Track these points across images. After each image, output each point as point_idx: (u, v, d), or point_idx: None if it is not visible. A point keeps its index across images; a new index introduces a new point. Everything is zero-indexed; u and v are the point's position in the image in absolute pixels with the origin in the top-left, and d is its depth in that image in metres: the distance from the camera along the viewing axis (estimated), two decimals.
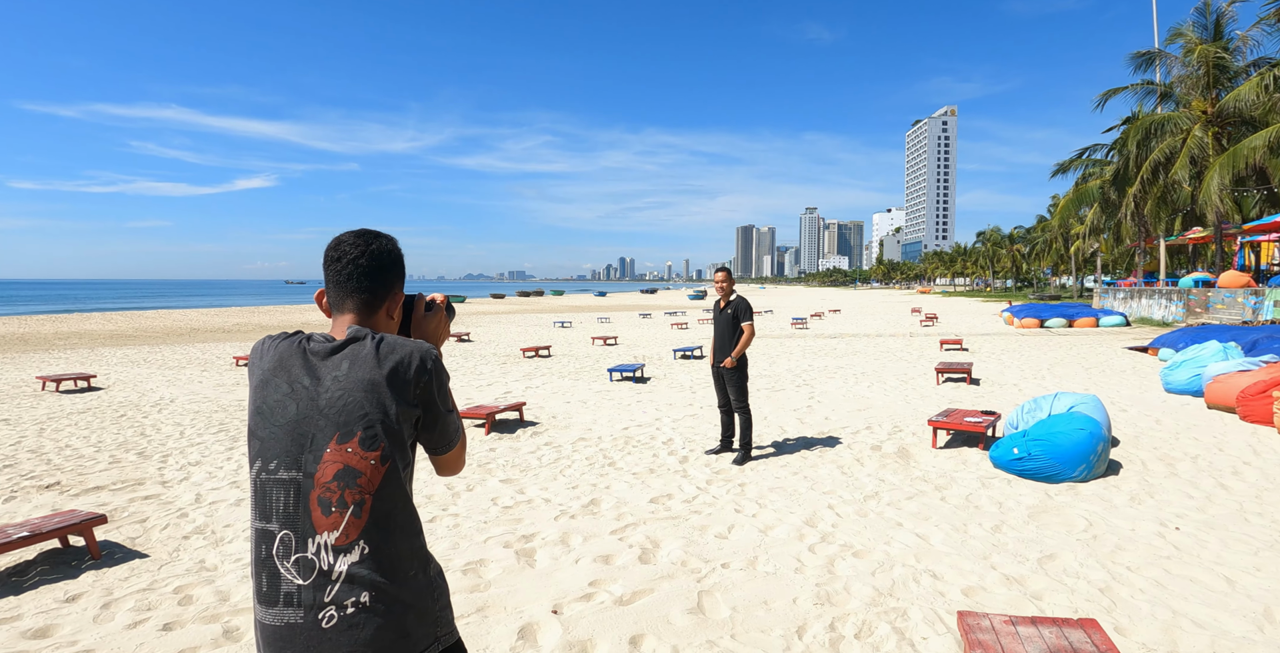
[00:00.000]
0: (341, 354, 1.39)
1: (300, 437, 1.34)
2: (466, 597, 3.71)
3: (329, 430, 1.33)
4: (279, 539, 1.32)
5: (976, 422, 6.38)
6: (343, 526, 1.30)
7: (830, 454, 6.46)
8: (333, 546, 1.29)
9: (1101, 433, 5.48)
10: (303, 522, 1.31)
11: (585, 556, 4.19)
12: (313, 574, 1.29)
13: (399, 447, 1.36)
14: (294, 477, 1.33)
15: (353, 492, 1.30)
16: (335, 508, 1.30)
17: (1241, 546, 4.03)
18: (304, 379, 1.37)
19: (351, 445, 1.32)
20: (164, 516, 5.32)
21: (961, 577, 3.70)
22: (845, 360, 14.61)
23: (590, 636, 3.19)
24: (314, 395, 1.36)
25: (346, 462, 1.31)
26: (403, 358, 1.38)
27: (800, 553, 4.09)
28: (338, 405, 1.34)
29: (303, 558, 1.30)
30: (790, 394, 10.15)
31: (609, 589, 3.71)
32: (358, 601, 1.28)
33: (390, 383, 1.36)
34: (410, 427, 1.39)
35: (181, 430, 8.47)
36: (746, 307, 6.23)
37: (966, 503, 4.94)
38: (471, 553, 4.34)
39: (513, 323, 31.88)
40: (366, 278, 1.47)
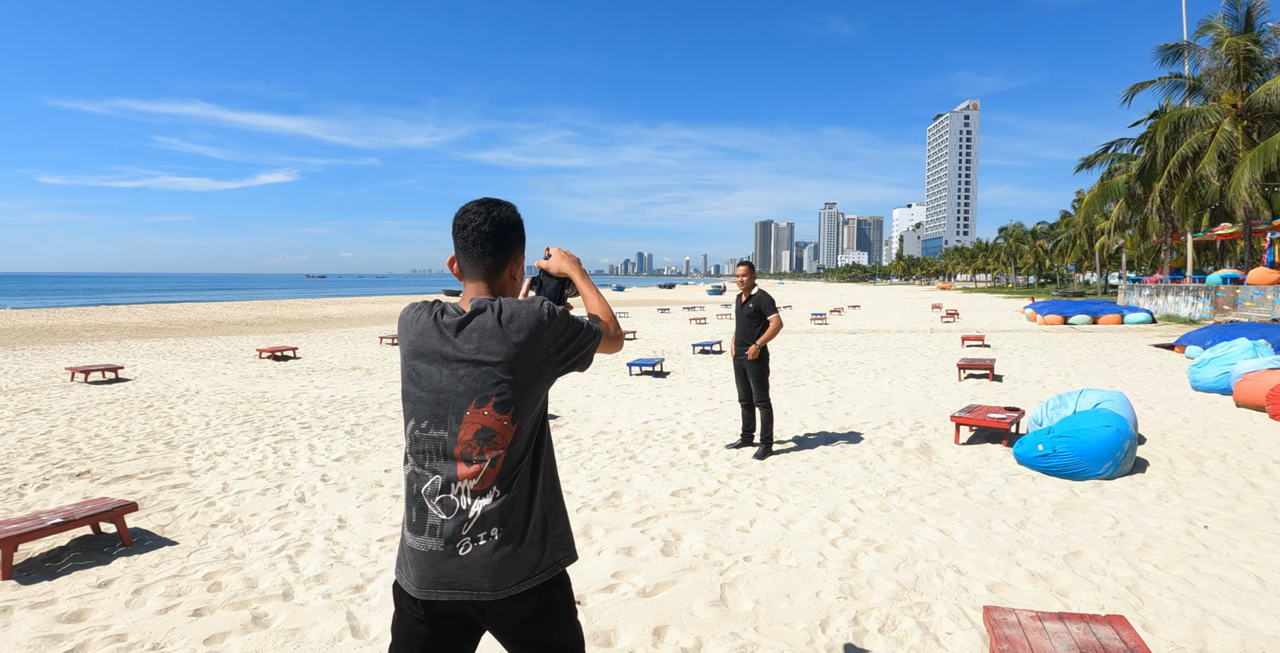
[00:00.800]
0: (470, 327, 1.59)
1: (444, 402, 1.58)
2: None
3: (468, 397, 1.57)
4: (429, 482, 1.58)
5: (1000, 418, 6.31)
6: (480, 475, 1.55)
7: (852, 449, 6.44)
8: (471, 490, 1.55)
9: (1128, 430, 5.41)
10: (448, 471, 1.56)
11: (608, 548, 4.21)
12: (454, 512, 1.55)
13: (529, 407, 1.60)
14: (441, 435, 1.57)
15: (489, 448, 1.55)
16: (475, 461, 1.55)
17: (1272, 545, 3.97)
18: (445, 349, 1.59)
19: (487, 409, 1.56)
20: (192, 504, 5.41)
21: (986, 573, 3.67)
22: (865, 356, 14.52)
23: (614, 626, 3.21)
24: (454, 367, 1.58)
25: (484, 423, 1.56)
26: (523, 323, 1.58)
27: (823, 547, 4.08)
28: (474, 375, 1.57)
29: (446, 499, 1.56)
30: (810, 389, 10.11)
31: (631, 581, 3.73)
32: (489, 534, 1.54)
33: (519, 349, 1.57)
34: (547, 376, 1.63)
35: (207, 421, 8.60)
36: (770, 300, 6.21)
37: (990, 499, 4.90)
38: None
39: None
40: (490, 243, 1.66)
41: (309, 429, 8.07)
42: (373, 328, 25.35)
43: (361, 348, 17.84)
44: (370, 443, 7.30)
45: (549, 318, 1.60)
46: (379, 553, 4.31)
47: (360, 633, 3.31)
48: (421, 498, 1.59)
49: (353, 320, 30.57)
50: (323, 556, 4.28)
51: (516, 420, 1.58)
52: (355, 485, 5.81)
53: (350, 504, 5.31)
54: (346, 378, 12.34)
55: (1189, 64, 23.60)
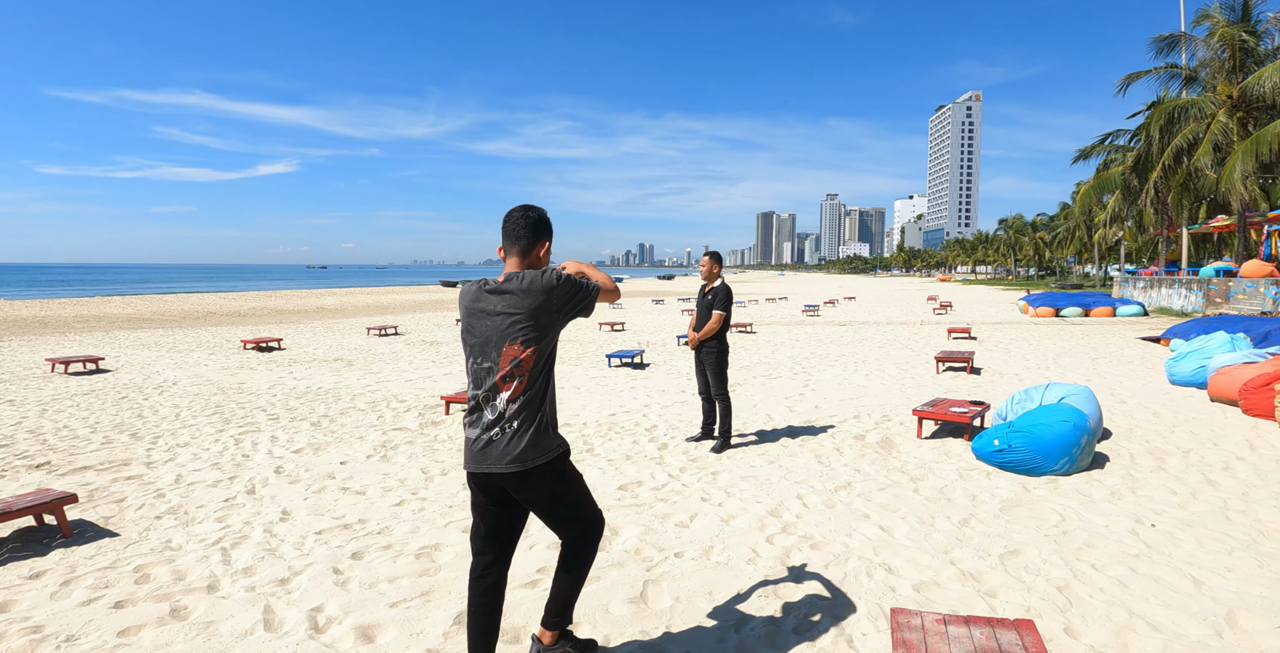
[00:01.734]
0: (504, 291, 2.38)
1: (489, 343, 2.38)
2: (415, 581, 3.68)
3: (504, 338, 2.36)
4: (484, 394, 2.38)
5: (962, 412, 6.21)
6: (513, 388, 2.35)
7: (812, 443, 6.35)
8: (507, 399, 2.36)
9: (1086, 425, 5.31)
10: (494, 387, 2.37)
11: (541, 542, 4.14)
12: (496, 412, 2.36)
13: (546, 342, 2.39)
14: (489, 366, 2.38)
15: (519, 371, 2.36)
16: (512, 380, 2.36)
17: (1216, 545, 3.87)
18: (489, 307, 2.39)
19: (516, 345, 2.35)
20: (141, 495, 5.35)
21: (917, 572, 3.59)
22: (849, 348, 14.42)
23: (525, 623, 3.14)
24: (495, 319, 2.37)
25: (515, 355, 2.35)
26: (538, 287, 2.36)
27: (757, 544, 4.00)
28: (507, 323, 2.35)
29: (493, 406, 2.37)
30: (786, 382, 10.02)
31: None
32: (512, 427, 2.35)
33: (541, 302, 2.35)
34: (558, 323, 2.41)
35: (178, 412, 8.55)
36: (726, 294, 6.11)
37: (939, 495, 4.81)
38: (429, 537, 4.31)
39: None
40: (526, 230, 2.46)
41: (276, 421, 8.01)
42: (363, 319, 25.30)
43: (348, 339, 17.78)
44: (333, 435, 7.23)
45: (557, 281, 2.37)
46: (313, 546, 4.25)
47: (273, 626, 3.25)
48: (480, 407, 2.40)
49: (345, 312, 30.52)
50: (257, 548, 4.22)
51: (536, 353, 2.36)
52: (307, 478, 5.75)
53: (298, 497, 5.25)
54: (326, 369, 12.27)
55: (1185, 54, 23.33)
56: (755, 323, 22.05)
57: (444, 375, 11.33)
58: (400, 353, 14.66)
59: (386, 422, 7.88)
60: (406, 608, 3.39)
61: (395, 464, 6.13)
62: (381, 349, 15.37)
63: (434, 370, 11.90)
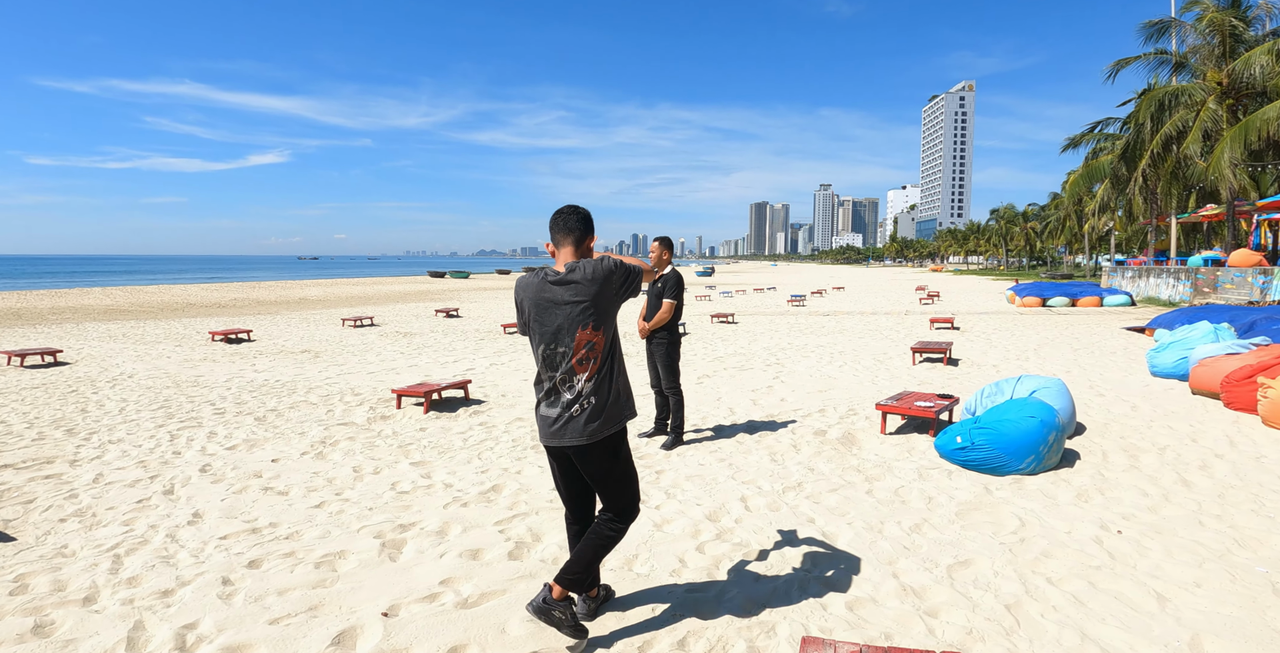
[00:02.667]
0: (569, 281, 2.54)
1: (561, 330, 2.56)
2: (306, 593, 3.34)
3: (575, 324, 2.54)
4: (561, 377, 2.58)
5: (927, 407, 5.87)
6: (590, 369, 2.55)
7: (769, 439, 6.00)
8: (584, 380, 2.55)
9: (1055, 421, 4.97)
10: (571, 370, 2.56)
11: (455, 549, 3.80)
12: (575, 392, 2.56)
13: (610, 323, 2.59)
14: (564, 350, 2.56)
15: (592, 353, 2.56)
16: (588, 362, 2.55)
17: (1187, 555, 3.53)
18: (557, 298, 2.55)
19: (588, 330, 2.53)
20: (52, 496, 5.00)
21: (855, 586, 3.25)
22: (829, 339, 14.09)
23: (408, 644, 2.80)
24: (565, 308, 2.54)
25: (588, 339, 2.54)
26: (600, 274, 2.54)
27: (687, 552, 3.65)
28: (577, 310, 2.53)
29: (571, 386, 2.56)
30: (757, 373, 9.68)
31: (458, 589, 3.32)
32: (590, 403, 2.56)
33: (602, 288, 2.54)
34: (617, 304, 2.61)
35: (123, 407, 8.17)
36: (677, 282, 5.74)
37: (894, 497, 4.47)
38: (338, 543, 3.96)
39: (508, 298, 31.49)
40: (579, 224, 2.64)
41: (221, 415, 7.64)
42: (344, 310, 24.85)
43: (321, 330, 17.37)
44: (275, 430, 6.86)
45: (615, 267, 2.57)
46: (212, 553, 3.90)
47: (136, 646, 2.91)
48: (556, 388, 2.59)
49: (328, 302, 30.05)
50: (152, 556, 3.88)
51: (605, 334, 2.58)
52: (233, 477, 5.39)
53: (216, 498, 4.90)
54: (290, 361, 11.89)
55: (1175, 41, 22.92)
56: (738, 313, 21.69)
57: (409, 367, 10.96)
58: (371, 344, 14.28)
59: (335, 416, 7.52)
60: (286, 626, 3.05)
61: (328, 462, 5.77)
62: (353, 341, 14.98)
63: (400, 362, 11.52)
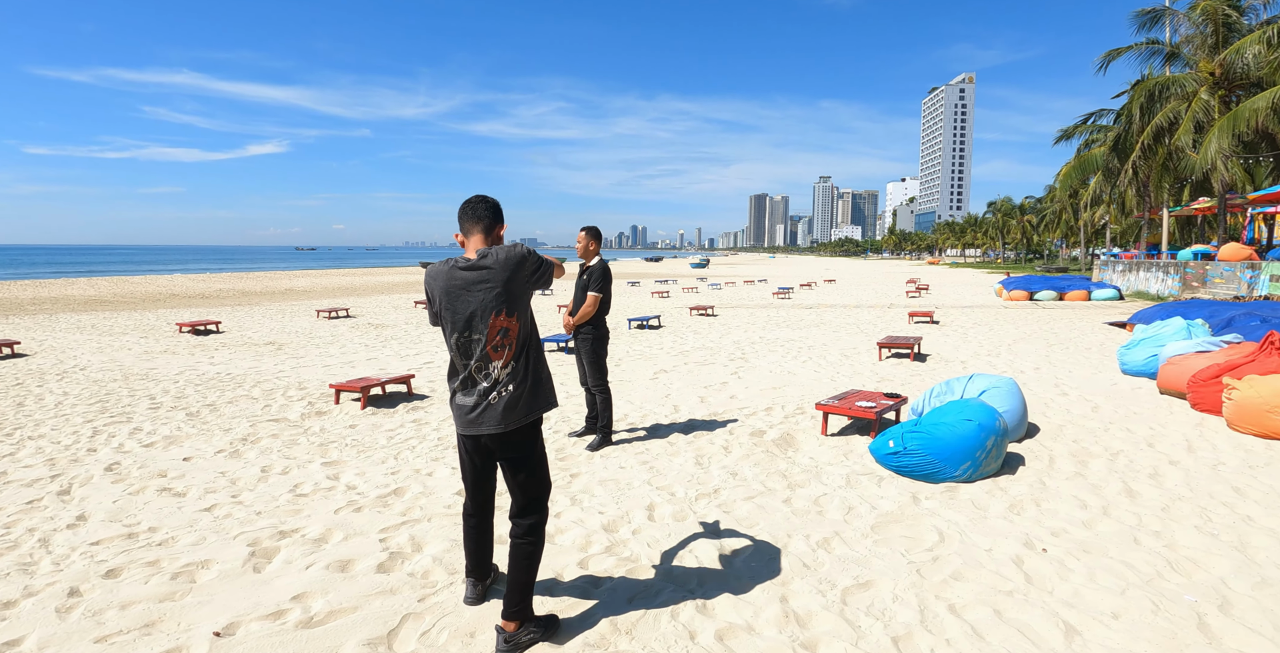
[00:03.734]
0: (479, 267, 2.57)
1: (475, 317, 2.58)
2: (150, 607, 3.04)
3: (489, 310, 2.56)
4: (476, 365, 2.60)
5: (868, 407, 5.52)
6: (505, 356, 2.60)
7: (703, 440, 5.65)
8: (500, 367, 2.59)
9: (994, 425, 4.62)
10: (485, 356, 2.60)
11: (326, 559, 3.47)
12: (491, 380, 2.59)
13: (524, 310, 2.64)
14: (478, 338, 2.59)
15: (507, 339, 2.60)
16: (503, 349, 2.59)
17: (1111, 580, 3.17)
18: (468, 284, 2.57)
19: (501, 316, 2.57)
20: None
21: (735, 611, 2.90)
22: (803, 332, 13.73)
23: None
24: (476, 294, 2.56)
25: (502, 325, 2.58)
26: (514, 256, 2.59)
27: (567, 567, 3.32)
28: (490, 296, 2.56)
29: (486, 374, 2.60)
30: (716, 369, 9.33)
31: (309, 606, 3.01)
32: (507, 390, 2.60)
33: (514, 273, 2.58)
34: (529, 291, 2.64)
35: (61, 401, 7.85)
36: (600, 274, 5.38)
37: (811, 507, 4.12)
38: (209, 551, 3.63)
39: None
40: (488, 213, 2.69)
41: (156, 409, 7.31)
42: (326, 301, 24.50)
43: (294, 322, 17.02)
44: (202, 426, 6.53)
45: (527, 253, 2.58)
46: (76, 560, 3.59)
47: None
48: (471, 375, 2.59)
49: (313, 293, 29.68)
50: (12, 563, 3.58)
51: (518, 319, 2.58)
52: (137, 476, 5.08)
53: (109, 499, 4.58)
54: (250, 353, 11.55)
55: (1169, 30, 22.39)
56: (719, 306, 21.33)
57: (368, 360, 10.62)
58: (339, 336, 13.94)
59: (271, 412, 7.18)
60: (111, 644, 2.75)
61: (240, 461, 5.44)
62: (323, 332, 14.64)
63: (360, 355, 11.17)
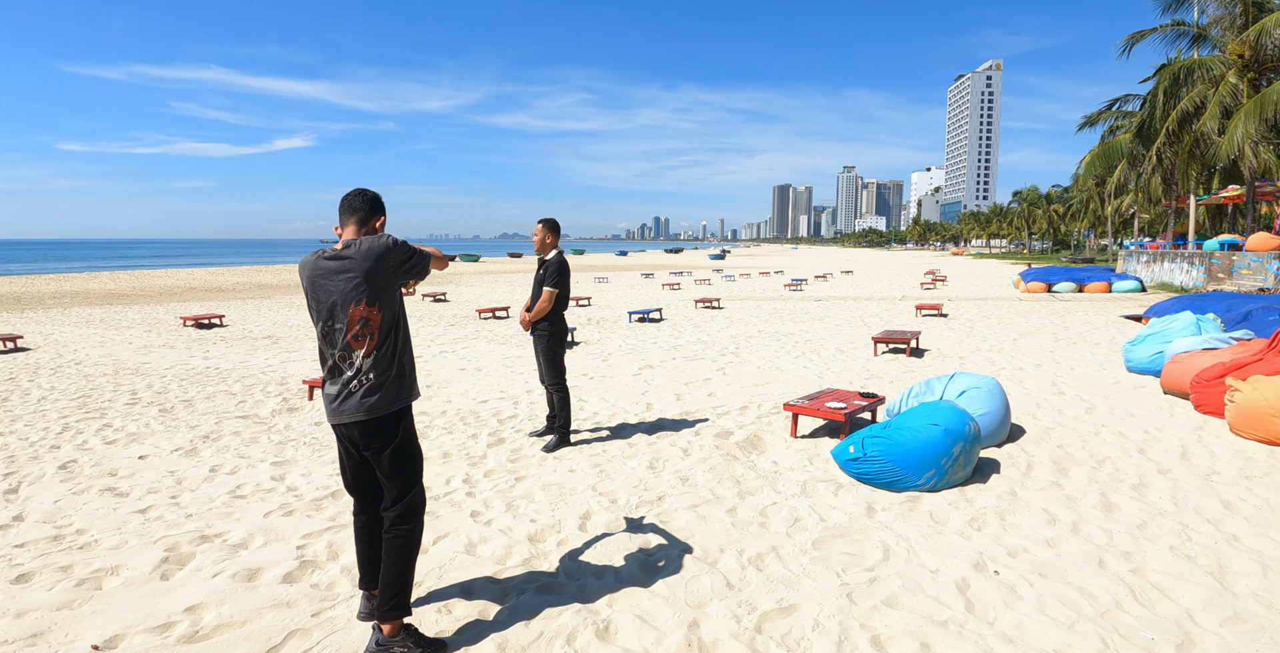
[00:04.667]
0: (342, 257, 2.53)
1: (336, 306, 2.55)
2: (43, 616, 2.91)
3: (349, 300, 2.52)
4: (339, 353, 2.56)
5: (838, 408, 5.20)
6: (366, 345, 2.55)
7: (665, 441, 5.38)
8: (362, 356, 2.55)
9: (964, 430, 4.29)
10: (348, 346, 2.56)
11: (236, 567, 3.29)
12: (354, 368, 2.56)
13: (388, 300, 2.58)
14: (340, 326, 2.55)
15: (368, 329, 2.55)
16: (364, 339, 2.54)
17: (1062, 611, 2.83)
18: (330, 273, 2.54)
19: (361, 305, 2.53)
20: None
21: (637, 638, 2.64)
22: (804, 326, 13.36)
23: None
24: (338, 283, 2.52)
25: (362, 315, 2.53)
26: (378, 247, 2.53)
27: (475, 583, 3.08)
28: (350, 285, 2.52)
29: (350, 363, 2.56)
30: (704, 365, 9.04)
31: (200, 617, 2.84)
32: (368, 379, 2.55)
33: (377, 264, 2.52)
34: (395, 282, 2.60)
35: (45, 396, 7.83)
36: (557, 268, 5.12)
37: (756, 517, 3.84)
38: (125, 556, 3.47)
39: (505, 282, 31.01)
40: (364, 205, 2.65)
41: (132, 406, 7.23)
42: None
43: (299, 315, 17.01)
44: (170, 423, 6.42)
45: (393, 244, 2.56)
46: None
47: None
48: (337, 364, 2.58)
49: None
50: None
51: (381, 309, 2.56)
52: (87, 475, 4.97)
53: (51, 499, 4.47)
54: (245, 347, 11.50)
55: (1195, 10, 21.42)
56: (727, 298, 20.96)
57: None
58: None
59: (245, 407, 7.06)
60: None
61: (193, 460, 5.30)
62: None
63: None
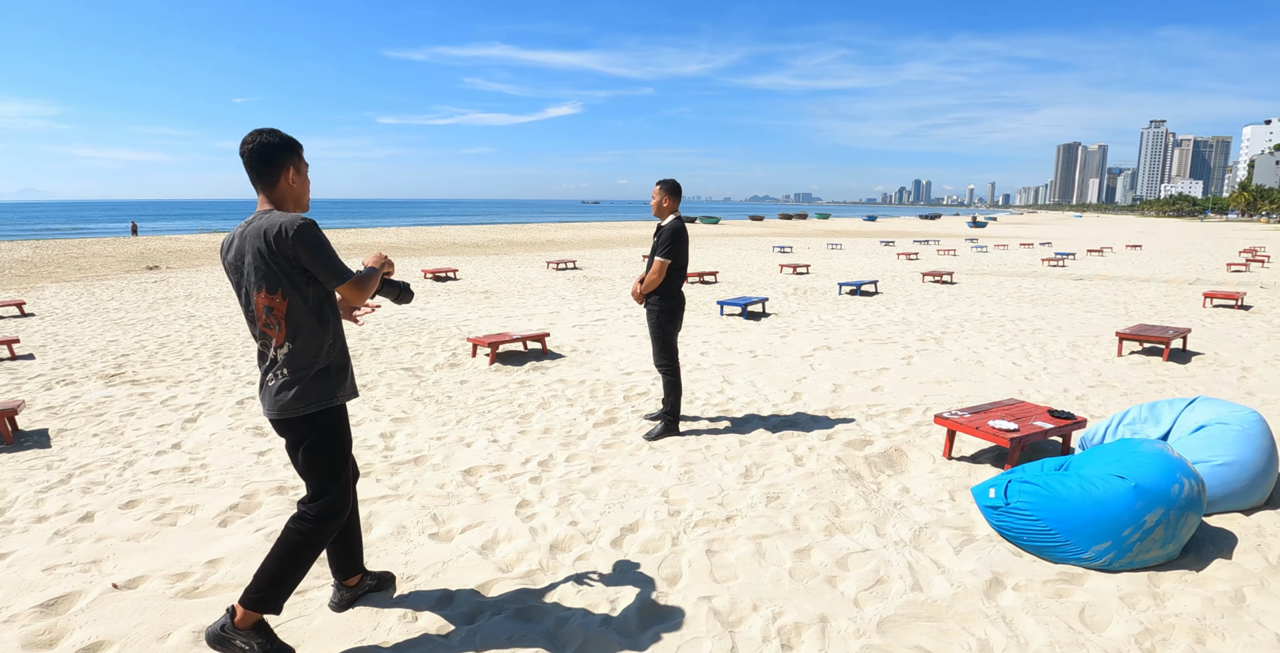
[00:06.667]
0: (247, 233, 2.24)
1: (241, 288, 2.28)
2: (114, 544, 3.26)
3: (252, 285, 2.24)
4: (260, 341, 2.31)
5: (1004, 430, 3.91)
6: (278, 336, 2.26)
7: (781, 444, 4.49)
8: (275, 347, 2.28)
9: (1168, 491, 2.89)
10: (263, 334, 2.29)
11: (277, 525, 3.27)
12: (270, 360, 2.30)
13: (293, 286, 2.23)
14: (251, 313, 2.29)
15: (274, 318, 2.25)
16: (273, 328, 2.26)
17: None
18: (240, 252, 2.25)
19: (264, 292, 2.23)
20: (115, 412, 5.47)
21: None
22: (1043, 310, 11.05)
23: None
24: (245, 265, 2.24)
25: (265, 303, 2.24)
26: (271, 228, 2.18)
27: (459, 591, 2.67)
28: (250, 267, 2.23)
29: (267, 352, 2.30)
30: (891, 350, 7.74)
31: (214, 571, 2.95)
32: (283, 373, 2.28)
33: (269, 247, 2.18)
34: (296, 271, 2.22)
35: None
36: (670, 236, 4.42)
37: (827, 568, 2.89)
38: (210, 497, 3.65)
39: (732, 246, 30.37)
40: (256, 159, 2.25)
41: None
42: (571, 252, 25.83)
43: (523, 272, 18.06)
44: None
45: (293, 231, 2.15)
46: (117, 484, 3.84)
47: None
48: (262, 351, 2.31)
49: (569, 244, 31.56)
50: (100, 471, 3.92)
51: (285, 297, 2.22)
52: (249, 413, 5.51)
53: (207, 433, 5.01)
54: (460, 301, 12.38)
55: None
56: (964, 272, 18.31)
57: (551, 313, 10.74)
58: (550, 287, 14.42)
59: (417, 359, 7.46)
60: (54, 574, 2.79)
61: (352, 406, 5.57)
62: (541, 283, 15.27)
63: (548, 308, 11.36)
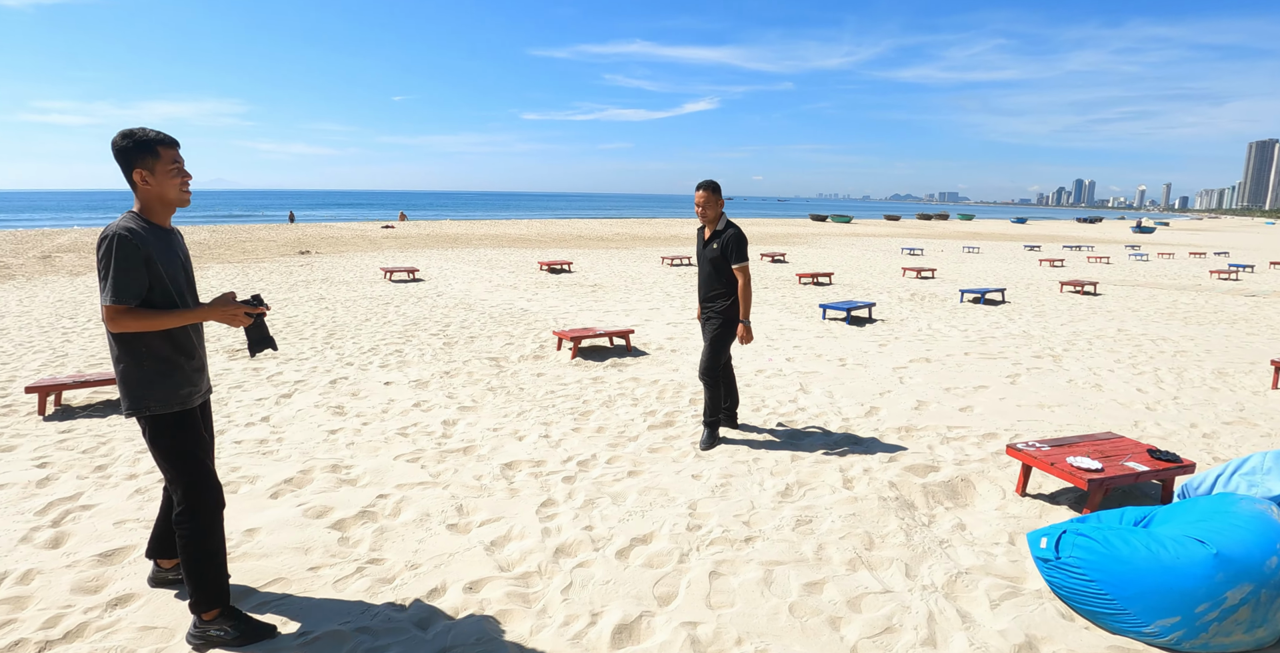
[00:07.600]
0: None
1: None
2: None
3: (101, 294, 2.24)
4: None
5: (1087, 469, 3.39)
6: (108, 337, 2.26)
7: (834, 464, 4.18)
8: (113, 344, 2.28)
9: (1263, 563, 2.38)
10: None
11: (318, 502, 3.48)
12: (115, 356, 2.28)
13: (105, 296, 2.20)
14: None
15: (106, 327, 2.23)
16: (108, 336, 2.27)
17: None
18: None
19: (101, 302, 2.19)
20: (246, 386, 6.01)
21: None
22: (1195, 330, 9.66)
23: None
24: None
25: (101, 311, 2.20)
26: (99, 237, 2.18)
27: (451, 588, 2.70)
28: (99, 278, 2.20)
29: None
30: (997, 366, 7.04)
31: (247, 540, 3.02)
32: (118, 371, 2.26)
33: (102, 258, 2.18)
34: None
35: (390, 321, 9.62)
36: (738, 242, 4.19)
37: (836, 608, 2.61)
38: (273, 469, 3.92)
39: (858, 246, 29.01)
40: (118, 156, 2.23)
41: (435, 336, 8.39)
42: (674, 249, 25.73)
43: (636, 267, 18.14)
44: (438, 356, 7.31)
45: (100, 242, 2.18)
46: None
47: None
48: None
49: (688, 240, 31.43)
50: None
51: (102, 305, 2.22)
52: (336, 392, 5.89)
53: (294, 409, 5.36)
54: (567, 293, 12.65)
55: None
56: (1113, 283, 16.41)
57: (650, 309, 10.75)
58: (657, 283, 14.44)
59: (505, 349, 7.69)
60: None
61: (417, 393, 5.89)
62: (651, 279, 15.29)
63: (660, 303, 11.40)
